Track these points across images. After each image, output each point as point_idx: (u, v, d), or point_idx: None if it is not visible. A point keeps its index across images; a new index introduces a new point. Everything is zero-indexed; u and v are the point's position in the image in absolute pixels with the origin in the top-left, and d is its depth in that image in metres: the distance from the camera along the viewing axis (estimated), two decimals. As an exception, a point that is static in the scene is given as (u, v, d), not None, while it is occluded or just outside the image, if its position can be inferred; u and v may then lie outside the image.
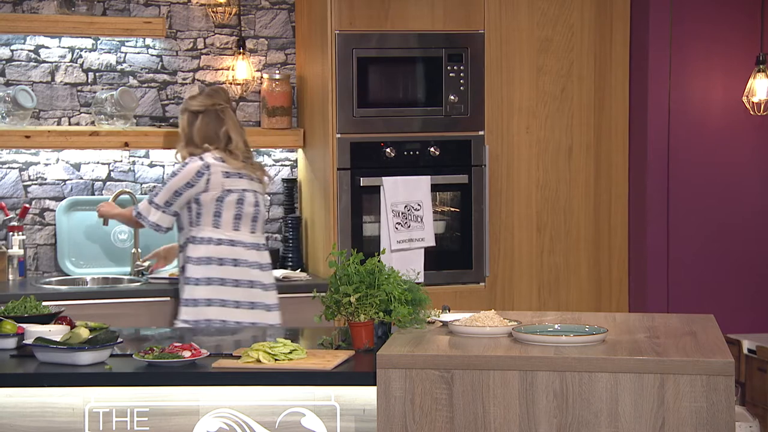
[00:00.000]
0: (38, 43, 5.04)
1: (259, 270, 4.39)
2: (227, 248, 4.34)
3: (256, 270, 4.38)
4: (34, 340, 3.27)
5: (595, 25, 5.12)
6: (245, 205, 4.38)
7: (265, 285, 4.41)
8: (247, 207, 4.38)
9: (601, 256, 5.20)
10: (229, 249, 4.34)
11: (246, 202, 4.37)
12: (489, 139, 5.07)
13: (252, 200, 4.39)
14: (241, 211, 4.37)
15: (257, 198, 4.42)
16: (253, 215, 4.40)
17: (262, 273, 4.41)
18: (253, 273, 4.37)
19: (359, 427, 3.19)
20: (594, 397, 3.01)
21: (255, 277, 4.37)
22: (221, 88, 4.63)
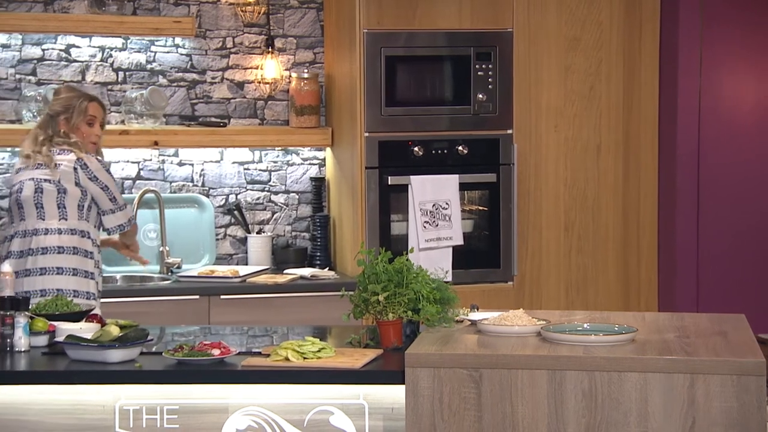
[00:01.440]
0: (69, 42, 5.07)
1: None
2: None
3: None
4: (65, 338, 3.29)
5: (624, 23, 5.10)
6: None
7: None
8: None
9: (630, 256, 5.17)
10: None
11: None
12: (517, 138, 5.06)
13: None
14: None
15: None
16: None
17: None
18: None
19: (387, 425, 3.20)
20: (623, 396, 3.00)
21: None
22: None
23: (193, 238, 5.17)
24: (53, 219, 4.17)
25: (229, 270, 4.96)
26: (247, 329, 3.97)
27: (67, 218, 4.18)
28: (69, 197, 4.18)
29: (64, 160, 4.20)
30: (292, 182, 5.32)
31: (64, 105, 4.27)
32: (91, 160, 4.23)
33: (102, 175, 4.24)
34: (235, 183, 5.27)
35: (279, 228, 5.31)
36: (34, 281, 4.11)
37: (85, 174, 4.20)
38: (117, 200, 4.28)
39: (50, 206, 4.16)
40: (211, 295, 4.77)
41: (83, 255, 4.17)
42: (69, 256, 4.15)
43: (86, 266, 4.17)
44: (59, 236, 4.16)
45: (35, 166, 4.22)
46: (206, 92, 5.22)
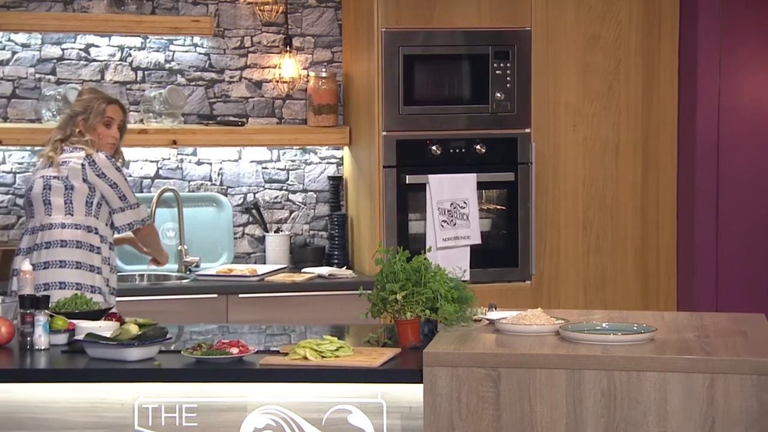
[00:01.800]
0: (88, 42, 5.09)
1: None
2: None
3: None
4: (85, 336, 3.31)
5: (643, 22, 5.08)
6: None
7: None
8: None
9: (649, 255, 5.16)
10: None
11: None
12: (535, 137, 5.05)
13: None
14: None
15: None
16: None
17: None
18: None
19: (406, 424, 3.20)
20: (642, 396, 2.99)
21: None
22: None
23: (212, 237, 5.18)
24: (59, 214, 4.20)
25: (247, 269, 4.97)
26: (265, 328, 3.98)
27: (73, 213, 4.20)
28: (76, 193, 4.20)
29: (73, 157, 4.23)
30: (310, 181, 5.33)
31: (84, 106, 4.31)
32: (99, 157, 4.24)
33: (110, 172, 4.25)
34: (253, 182, 5.28)
35: (297, 227, 5.32)
36: (37, 275, 4.12)
37: (92, 171, 4.22)
38: (127, 198, 4.29)
39: (57, 202, 4.19)
40: (229, 294, 4.78)
41: (88, 249, 4.19)
42: (72, 250, 4.16)
43: (92, 260, 4.19)
44: (62, 230, 4.18)
45: (47, 165, 4.26)
46: (224, 91, 5.23)
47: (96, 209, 4.24)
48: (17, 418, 3.25)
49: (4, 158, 5.03)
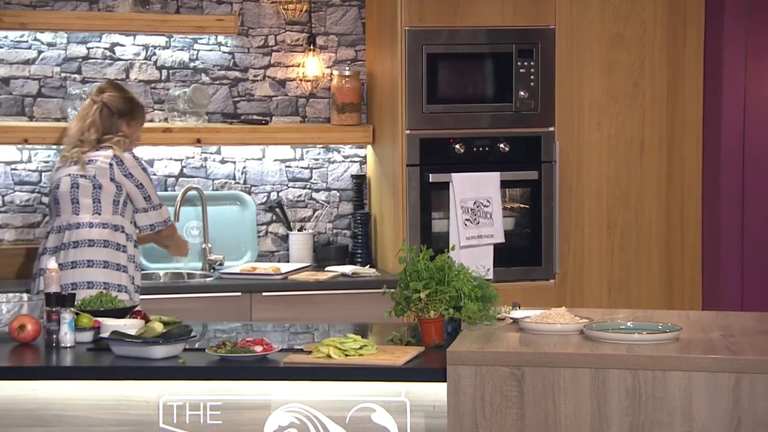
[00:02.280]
0: (113, 41, 5.12)
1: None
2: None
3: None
4: (110, 334, 3.33)
5: (668, 20, 5.06)
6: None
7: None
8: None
9: (673, 254, 5.13)
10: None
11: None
12: (559, 136, 5.04)
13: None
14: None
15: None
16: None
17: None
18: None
19: (429, 423, 3.20)
20: (667, 395, 2.97)
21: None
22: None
23: (235, 236, 5.20)
24: (87, 213, 4.23)
25: (271, 267, 4.99)
26: (289, 326, 3.98)
27: (101, 212, 4.23)
28: (104, 192, 4.24)
29: (100, 156, 4.26)
30: (334, 180, 5.33)
31: (128, 107, 4.39)
32: (126, 157, 4.29)
33: (137, 172, 4.29)
34: (276, 180, 5.29)
35: (320, 225, 5.32)
36: (65, 274, 4.16)
37: (120, 170, 4.25)
38: (151, 199, 4.32)
39: (85, 201, 4.23)
40: (252, 292, 4.79)
41: (115, 248, 4.22)
42: (100, 249, 4.19)
43: (118, 259, 4.22)
44: (90, 230, 4.21)
45: (72, 162, 4.28)
46: (248, 90, 5.25)
47: (122, 208, 4.28)
48: (43, 416, 3.27)
49: (30, 157, 5.06)
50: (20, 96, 5.06)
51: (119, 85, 4.56)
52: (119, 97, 4.41)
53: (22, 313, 3.53)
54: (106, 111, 4.36)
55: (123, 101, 4.40)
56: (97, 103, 4.38)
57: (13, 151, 5.03)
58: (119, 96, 4.41)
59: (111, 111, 4.36)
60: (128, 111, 4.39)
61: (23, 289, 4.21)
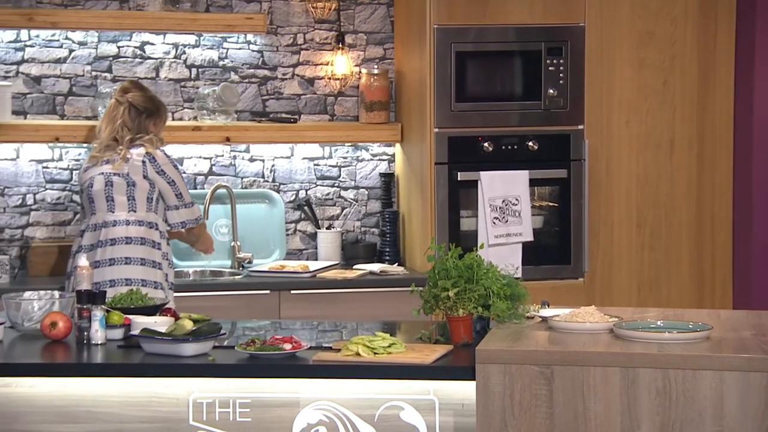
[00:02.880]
0: (143, 39, 5.15)
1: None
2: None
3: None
4: (140, 331, 3.34)
5: (698, 17, 5.02)
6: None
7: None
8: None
9: (704, 253, 5.10)
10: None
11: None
12: (588, 134, 5.02)
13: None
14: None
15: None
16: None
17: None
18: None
19: (458, 421, 3.19)
20: (698, 395, 2.96)
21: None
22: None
23: (264, 234, 5.21)
24: (122, 211, 4.26)
25: (300, 265, 5.00)
26: (317, 324, 3.99)
27: (136, 210, 4.27)
28: (138, 190, 4.28)
29: (133, 154, 4.30)
30: (362, 178, 5.34)
31: (153, 105, 4.43)
32: (159, 154, 4.33)
33: (169, 169, 4.33)
34: (305, 178, 5.30)
35: (348, 223, 5.33)
36: (103, 272, 4.19)
37: (152, 167, 4.29)
38: (183, 197, 4.36)
39: (120, 198, 4.26)
40: (281, 290, 4.81)
41: (151, 245, 4.26)
42: (137, 247, 4.23)
43: (154, 256, 4.25)
44: (127, 227, 4.25)
45: (104, 161, 4.32)
46: (277, 88, 5.26)
47: (155, 205, 4.32)
48: (74, 412, 3.29)
49: (61, 155, 5.10)
50: (51, 95, 5.10)
51: (141, 85, 4.59)
52: (144, 97, 4.44)
53: (54, 310, 3.55)
54: (133, 111, 4.40)
55: (148, 100, 4.44)
56: (123, 104, 4.41)
57: (44, 149, 5.07)
58: (143, 95, 4.45)
59: (138, 111, 4.40)
60: (154, 110, 4.43)
61: (55, 287, 4.24)
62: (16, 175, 5.06)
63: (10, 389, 3.31)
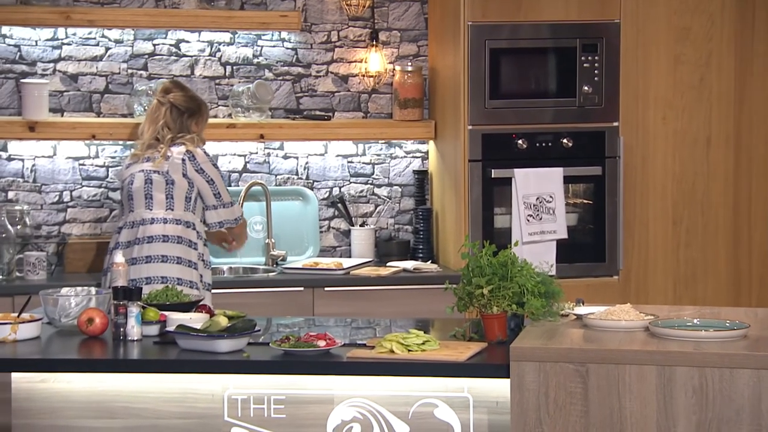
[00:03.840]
0: (179, 37, 5.17)
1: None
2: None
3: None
4: (176, 328, 3.36)
5: (736, 13, 4.98)
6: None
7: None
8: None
9: (741, 251, 5.05)
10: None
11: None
12: (623, 131, 4.99)
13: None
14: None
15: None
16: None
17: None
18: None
19: (492, 419, 3.19)
20: (735, 394, 2.93)
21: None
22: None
23: (298, 231, 5.22)
24: (160, 209, 4.29)
25: (333, 262, 5.01)
26: (351, 321, 4.00)
27: (174, 209, 4.30)
28: (177, 188, 4.30)
29: (173, 152, 4.33)
30: (395, 175, 5.34)
31: (195, 105, 4.46)
32: (198, 152, 4.36)
33: (208, 168, 4.36)
34: (338, 176, 5.31)
35: (382, 221, 5.33)
36: (140, 269, 4.22)
37: (192, 165, 4.31)
38: (221, 196, 4.38)
39: (158, 196, 4.29)
40: (315, 287, 4.82)
41: (187, 245, 4.28)
42: (174, 245, 4.26)
43: (190, 256, 4.28)
44: (164, 225, 4.27)
45: (145, 159, 4.35)
46: (311, 86, 5.27)
47: (193, 204, 4.35)
48: (111, 408, 3.32)
49: (97, 152, 5.14)
50: (88, 92, 5.13)
51: (182, 84, 4.62)
52: (185, 96, 4.47)
53: (91, 306, 3.58)
54: (175, 111, 4.44)
55: (189, 100, 4.47)
56: (164, 104, 4.45)
57: (81, 146, 5.11)
58: (185, 95, 4.48)
59: (180, 111, 4.44)
60: (196, 109, 4.47)
61: (91, 283, 4.27)
62: (53, 172, 5.11)
63: (47, 384, 3.34)
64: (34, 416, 3.33)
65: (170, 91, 4.47)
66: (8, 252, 4.77)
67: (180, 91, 4.49)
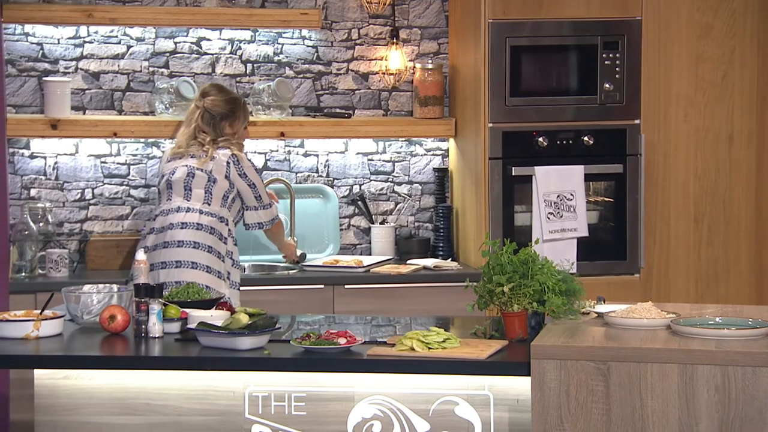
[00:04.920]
0: (200, 35, 5.19)
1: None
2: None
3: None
4: (197, 325, 3.37)
5: (759, 9, 4.94)
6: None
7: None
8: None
9: (764, 249, 5.02)
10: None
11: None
12: (645, 128, 4.97)
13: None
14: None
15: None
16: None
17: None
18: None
19: (513, 417, 3.18)
20: (759, 392, 2.92)
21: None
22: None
23: (318, 228, 5.23)
24: (197, 201, 4.38)
25: (353, 260, 5.01)
26: (371, 319, 4.00)
27: (210, 203, 4.37)
28: (217, 187, 4.40)
29: (219, 153, 4.43)
30: (416, 173, 5.34)
31: (228, 109, 4.52)
32: (242, 157, 4.47)
33: (251, 173, 4.47)
34: (359, 173, 5.31)
35: (402, 218, 5.33)
36: (170, 252, 4.28)
37: (236, 169, 4.41)
38: (262, 199, 4.49)
39: (197, 191, 4.39)
40: (335, 285, 4.82)
41: (218, 237, 4.35)
42: (206, 234, 4.33)
43: (220, 248, 4.34)
44: (200, 215, 4.35)
45: (189, 155, 4.43)
46: (331, 83, 5.28)
47: (230, 203, 4.42)
48: (133, 404, 3.33)
49: (119, 150, 5.16)
50: (110, 90, 5.16)
51: (221, 87, 4.64)
52: (220, 100, 4.52)
53: (112, 303, 3.60)
54: (207, 116, 4.50)
55: (223, 104, 4.52)
56: (199, 108, 4.52)
57: (102, 144, 5.14)
58: (220, 99, 4.53)
59: (211, 115, 4.50)
60: (229, 113, 4.53)
61: (113, 280, 4.29)
62: (75, 169, 5.13)
63: (70, 381, 3.36)
64: (56, 413, 3.35)
65: (207, 95, 4.54)
66: (31, 249, 4.80)
67: (216, 95, 4.54)
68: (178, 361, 3.29)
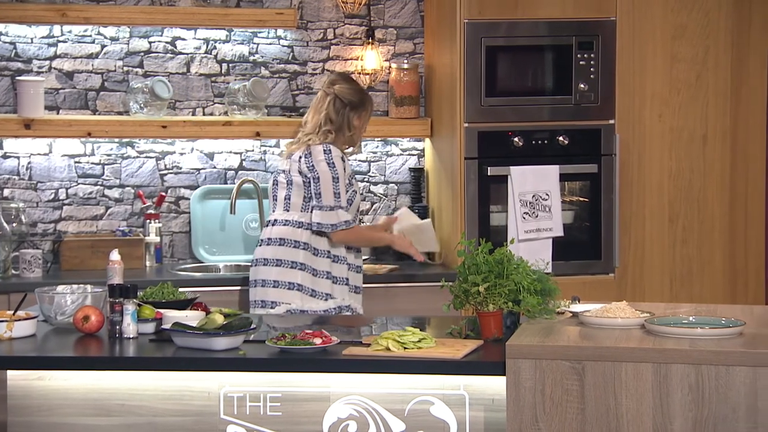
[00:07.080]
0: (175, 35, 5.17)
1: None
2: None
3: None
4: (172, 325, 3.36)
5: (732, 10, 4.98)
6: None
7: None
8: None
9: (737, 248, 5.06)
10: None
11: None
12: (620, 128, 4.99)
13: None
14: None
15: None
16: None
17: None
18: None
19: (488, 416, 3.19)
20: (731, 391, 2.94)
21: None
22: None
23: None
24: (279, 209, 4.35)
25: (330, 260, 5.00)
26: (348, 318, 3.99)
27: (289, 209, 4.33)
28: (294, 187, 4.33)
29: (299, 149, 4.37)
30: (392, 173, 5.34)
31: (359, 99, 4.41)
32: (316, 149, 4.32)
33: (320, 165, 4.30)
34: (335, 173, 5.29)
35: (378, 218, 5.33)
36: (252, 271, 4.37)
37: (305, 162, 4.31)
38: (321, 197, 4.30)
39: (280, 197, 4.35)
40: (311, 285, 4.80)
41: (292, 246, 4.29)
42: (276, 248, 4.31)
43: (294, 257, 4.29)
44: (281, 227, 4.32)
45: (287, 156, 4.40)
46: (307, 83, 5.27)
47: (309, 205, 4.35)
48: (107, 405, 3.32)
49: (93, 150, 5.13)
50: (84, 90, 5.13)
51: (349, 77, 4.60)
52: (350, 89, 4.44)
53: (86, 304, 3.58)
54: (338, 103, 4.39)
55: (354, 93, 4.43)
56: (329, 95, 4.41)
57: (76, 144, 5.11)
58: (350, 88, 4.45)
59: (343, 103, 4.40)
60: (359, 103, 4.42)
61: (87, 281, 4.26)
62: (49, 169, 5.10)
63: (44, 382, 3.34)
64: (30, 414, 3.33)
65: (336, 83, 4.45)
66: (4, 250, 4.76)
67: (345, 83, 4.47)
68: (152, 362, 3.28)
